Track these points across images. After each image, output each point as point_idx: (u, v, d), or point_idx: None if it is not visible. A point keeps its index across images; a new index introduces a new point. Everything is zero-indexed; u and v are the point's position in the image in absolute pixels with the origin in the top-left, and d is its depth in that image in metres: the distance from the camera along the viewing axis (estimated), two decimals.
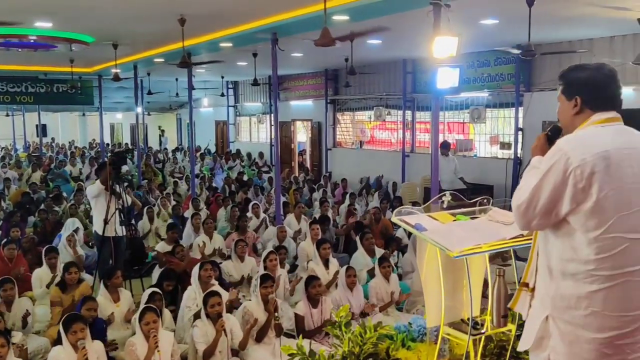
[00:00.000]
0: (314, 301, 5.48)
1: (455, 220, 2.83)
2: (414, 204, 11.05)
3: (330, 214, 9.93)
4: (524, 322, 2.40)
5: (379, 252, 7.26)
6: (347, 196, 11.53)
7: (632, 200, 2.13)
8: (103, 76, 16.00)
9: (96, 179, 7.35)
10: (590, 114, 2.25)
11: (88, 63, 14.36)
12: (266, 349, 5.17)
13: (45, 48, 10.01)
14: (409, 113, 14.01)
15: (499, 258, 6.70)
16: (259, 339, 5.18)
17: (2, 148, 25.01)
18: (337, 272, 6.60)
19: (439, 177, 7.31)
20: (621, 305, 2.13)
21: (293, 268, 7.89)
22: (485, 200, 3.04)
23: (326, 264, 6.76)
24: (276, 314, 5.08)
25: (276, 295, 5.62)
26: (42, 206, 10.76)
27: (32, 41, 9.05)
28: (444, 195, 2.97)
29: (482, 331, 3.06)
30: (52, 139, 28.48)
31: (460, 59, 6.42)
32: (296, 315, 5.48)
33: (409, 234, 8.13)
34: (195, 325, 4.91)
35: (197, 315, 5.10)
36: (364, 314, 5.83)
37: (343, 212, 10.36)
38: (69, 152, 22.60)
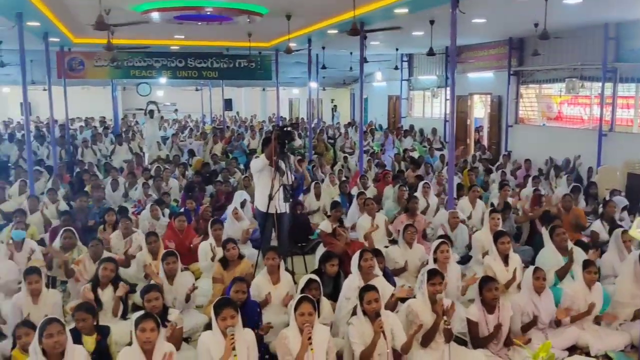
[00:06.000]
0: (489, 306, 4.67)
1: None
2: (613, 192, 9.41)
3: (510, 199, 8.84)
4: None
5: (579, 252, 6.08)
6: (530, 179, 10.20)
7: None
8: (279, 51, 16.21)
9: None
10: None
11: (265, 37, 14.56)
12: (433, 356, 4.52)
13: (224, 20, 10.13)
14: (608, 85, 12.08)
15: None
16: (425, 343, 4.55)
17: (193, 121, 27.09)
18: (515, 270, 5.70)
19: None
20: None
21: (464, 259, 7.08)
22: None
23: (505, 259, 5.84)
24: (445, 317, 4.37)
25: (447, 294, 4.89)
26: (219, 177, 11.12)
27: (207, 14, 9.13)
28: None
29: None
30: (237, 112, 30.11)
31: None
32: (469, 320, 4.72)
33: (610, 229, 6.81)
34: (350, 323, 4.40)
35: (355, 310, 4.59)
36: (557, 323, 4.93)
37: (525, 198, 9.15)
38: (249, 126, 23.67)
